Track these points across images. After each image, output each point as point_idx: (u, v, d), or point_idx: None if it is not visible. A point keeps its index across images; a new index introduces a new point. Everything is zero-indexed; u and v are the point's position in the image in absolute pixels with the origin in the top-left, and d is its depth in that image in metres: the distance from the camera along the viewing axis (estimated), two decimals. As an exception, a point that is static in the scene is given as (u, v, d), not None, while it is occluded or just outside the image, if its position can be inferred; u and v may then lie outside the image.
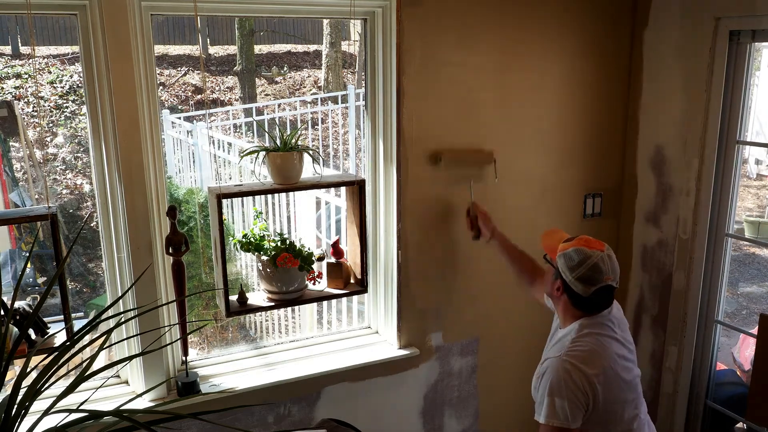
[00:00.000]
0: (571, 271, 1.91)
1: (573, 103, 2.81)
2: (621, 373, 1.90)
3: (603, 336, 1.92)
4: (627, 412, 1.94)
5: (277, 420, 2.53)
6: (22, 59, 8.30)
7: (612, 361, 1.89)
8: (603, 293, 1.91)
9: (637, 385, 1.99)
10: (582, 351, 1.88)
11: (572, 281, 1.91)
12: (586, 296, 1.90)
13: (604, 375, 1.86)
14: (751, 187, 8.64)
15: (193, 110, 7.97)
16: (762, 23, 2.39)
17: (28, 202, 5.48)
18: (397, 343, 2.68)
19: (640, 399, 2.02)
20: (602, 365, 1.86)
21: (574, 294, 1.93)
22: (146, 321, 2.15)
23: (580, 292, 1.91)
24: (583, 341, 1.90)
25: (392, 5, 2.36)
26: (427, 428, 2.83)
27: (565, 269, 1.92)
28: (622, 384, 1.91)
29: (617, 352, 1.92)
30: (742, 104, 2.55)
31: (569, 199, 2.92)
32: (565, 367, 1.85)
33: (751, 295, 6.25)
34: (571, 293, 1.93)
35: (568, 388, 1.83)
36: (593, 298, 1.91)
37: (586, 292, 1.90)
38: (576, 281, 1.90)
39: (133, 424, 1.55)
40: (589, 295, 1.90)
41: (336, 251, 2.44)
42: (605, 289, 1.91)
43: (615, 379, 1.89)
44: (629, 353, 1.99)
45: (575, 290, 1.91)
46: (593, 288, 1.89)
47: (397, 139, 2.48)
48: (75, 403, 1.96)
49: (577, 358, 1.86)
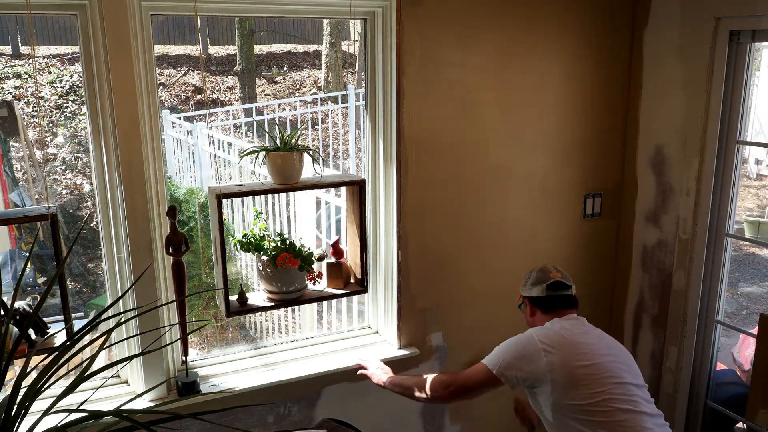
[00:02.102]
0: (525, 284, 2.24)
1: (573, 103, 2.81)
2: (580, 360, 2.01)
3: (570, 330, 2.09)
4: (607, 403, 1.96)
5: (277, 420, 2.53)
6: (22, 59, 8.30)
7: (573, 346, 2.04)
8: (557, 288, 2.17)
9: (605, 376, 2.01)
10: (547, 330, 2.09)
11: (529, 289, 2.21)
12: (545, 295, 2.17)
13: (560, 353, 2.01)
14: (751, 187, 8.64)
15: (193, 110, 7.97)
16: (762, 23, 2.39)
17: (28, 202, 5.48)
18: (397, 343, 2.68)
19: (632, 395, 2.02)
20: (561, 344, 2.03)
21: (537, 300, 2.19)
22: (146, 321, 2.15)
23: (538, 293, 2.18)
24: (551, 327, 2.11)
25: (392, 5, 2.36)
26: (427, 428, 2.83)
27: (523, 288, 2.25)
28: (585, 372, 1.98)
29: (580, 339, 2.06)
30: (742, 104, 2.55)
31: (569, 199, 2.92)
32: (528, 335, 2.08)
33: (751, 295, 6.25)
34: (536, 302, 2.19)
35: (517, 348, 2.07)
36: (551, 295, 2.16)
37: (542, 291, 2.17)
38: (531, 287, 2.20)
39: (133, 424, 1.55)
40: (546, 294, 2.16)
41: (336, 251, 2.43)
42: (556, 284, 2.17)
43: (570, 362, 2.00)
44: (597, 343, 2.09)
45: (535, 295, 2.19)
46: (545, 284, 2.17)
47: (397, 139, 2.48)
48: (75, 403, 1.96)
49: (541, 335, 2.07)
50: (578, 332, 2.09)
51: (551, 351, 2.01)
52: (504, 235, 2.80)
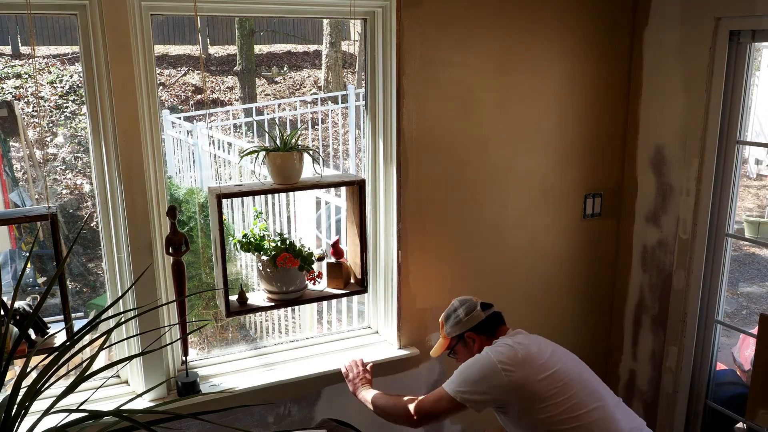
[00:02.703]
0: (457, 323, 2.20)
1: (573, 103, 2.81)
2: (542, 372, 1.99)
3: (522, 344, 2.07)
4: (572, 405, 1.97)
5: (277, 420, 2.53)
6: (22, 59, 8.30)
7: (531, 359, 2.02)
8: (486, 307, 2.20)
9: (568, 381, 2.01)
10: (503, 349, 2.05)
11: (467, 321, 2.18)
12: (485, 317, 2.18)
13: (521, 370, 1.99)
14: (751, 187, 8.64)
15: (193, 110, 7.96)
16: (762, 23, 2.39)
17: (28, 202, 5.48)
18: (397, 343, 2.68)
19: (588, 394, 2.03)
20: (519, 360, 2.01)
21: (480, 327, 2.18)
22: (146, 321, 2.15)
23: (477, 319, 2.17)
24: (504, 345, 2.08)
25: (392, 5, 2.36)
26: (427, 428, 2.83)
27: (456, 324, 2.20)
28: (549, 382, 1.98)
29: (534, 350, 2.05)
30: (742, 104, 2.55)
31: (569, 199, 2.92)
32: (486, 357, 2.04)
33: (751, 295, 6.25)
34: (479, 329, 2.18)
35: (477, 372, 2.04)
36: (489, 316, 2.19)
37: (479, 315, 2.18)
38: (468, 319, 2.18)
39: (133, 424, 1.55)
40: (484, 316, 2.18)
41: (336, 251, 2.43)
42: (485, 305, 2.21)
43: (534, 376, 1.98)
44: (549, 350, 2.09)
45: (476, 323, 2.17)
46: (478, 308, 2.19)
47: (397, 139, 2.48)
48: (75, 403, 1.96)
49: (498, 354, 2.03)
50: (528, 344, 2.07)
51: (512, 370, 1.98)
52: (504, 235, 2.80)
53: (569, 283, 3.01)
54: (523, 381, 1.97)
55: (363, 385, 2.36)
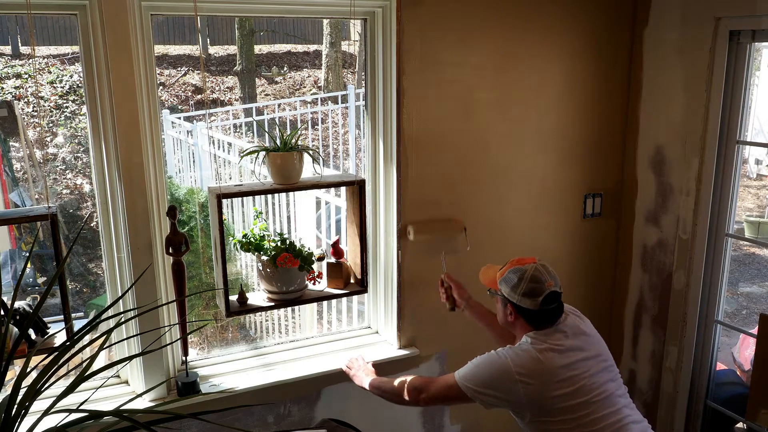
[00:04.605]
0: (515, 290, 1.99)
1: (573, 103, 2.81)
2: (560, 388, 1.91)
3: (549, 354, 1.95)
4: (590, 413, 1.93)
5: (277, 420, 2.53)
6: (22, 59, 8.30)
7: (552, 373, 1.92)
8: (550, 301, 1.97)
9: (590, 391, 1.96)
10: (524, 357, 1.94)
11: (520, 299, 1.98)
12: (537, 309, 1.97)
13: (539, 383, 1.90)
14: (751, 187, 8.64)
15: (193, 110, 7.97)
16: (762, 23, 2.39)
17: (28, 202, 5.48)
18: (397, 343, 2.68)
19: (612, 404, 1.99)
20: (539, 372, 1.91)
21: (526, 312, 1.99)
22: (146, 321, 2.15)
23: (529, 307, 1.97)
24: (528, 350, 1.96)
25: (392, 5, 2.36)
26: (427, 428, 2.84)
27: (510, 292, 2.01)
28: (567, 399, 1.91)
29: (559, 363, 1.94)
30: (742, 104, 2.55)
31: (569, 199, 2.92)
32: (504, 363, 1.94)
33: (751, 295, 6.25)
34: (524, 312, 1.99)
35: (492, 375, 1.95)
36: (544, 309, 1.97)
37: (535, 305, 1.96)
38: (523, 298, 1.97)
39: (133, 424, 1.55)
40: (539, 307, 1.96)
41: (336, 251, 2.43)
42: (551, 297, 1.97)
43: (550, 392, 1.91)
44: (580, 360, 1.98)
45: (525, 307, 1.98)
46: (539, 298, 1.96)
47: (397, 139, 2.48)
48: (75, 403, 1.96)
49: (517, 364, 1.93)
50: (557, 354, 1.95)
51: (530, 382, 1.91)
52: (504, 234, 2.80)
53: (569, 283, 3.01)
54: (538, 394, 1.91)
55: (367, 375, 2.36)
